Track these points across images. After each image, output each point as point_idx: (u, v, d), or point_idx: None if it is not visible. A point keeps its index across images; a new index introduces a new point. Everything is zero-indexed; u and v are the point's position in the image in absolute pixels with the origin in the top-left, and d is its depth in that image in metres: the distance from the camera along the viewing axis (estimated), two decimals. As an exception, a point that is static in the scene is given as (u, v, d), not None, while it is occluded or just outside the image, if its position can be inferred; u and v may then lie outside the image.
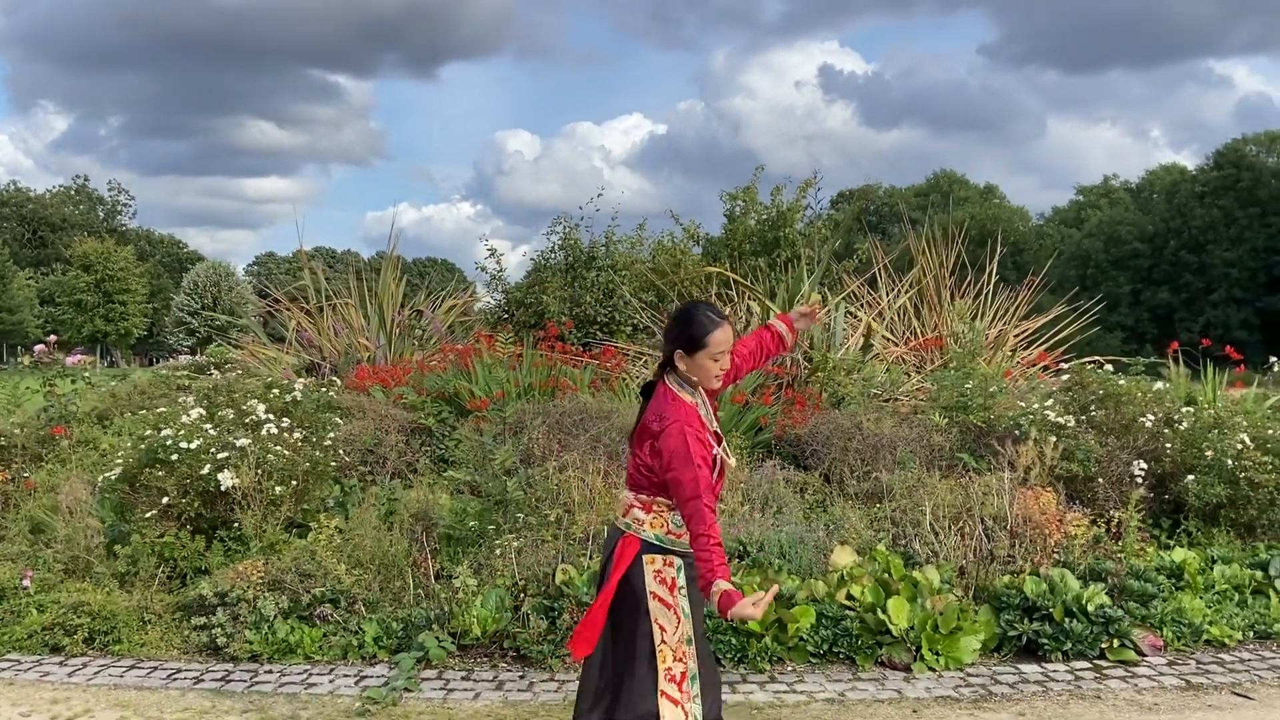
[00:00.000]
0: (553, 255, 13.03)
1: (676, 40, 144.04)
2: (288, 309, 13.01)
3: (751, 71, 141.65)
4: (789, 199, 12.68)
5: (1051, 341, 11.84)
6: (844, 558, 5.66)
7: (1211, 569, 6.03)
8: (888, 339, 11.48)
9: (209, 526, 6.61)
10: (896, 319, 11.84)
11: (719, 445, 3.40)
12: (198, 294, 66.63)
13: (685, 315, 3.47)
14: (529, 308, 12.33)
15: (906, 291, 11.45)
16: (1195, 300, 64.45)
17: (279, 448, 6.70)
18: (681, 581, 3.38)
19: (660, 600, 3.37)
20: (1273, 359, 10.51)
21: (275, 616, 5.70)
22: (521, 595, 5.72)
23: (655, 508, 3.42)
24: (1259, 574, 5.99)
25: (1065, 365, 10.65)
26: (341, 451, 7.52)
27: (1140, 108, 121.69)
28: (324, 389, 7.96)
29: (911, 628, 5.14)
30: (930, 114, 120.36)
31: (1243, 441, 7.16)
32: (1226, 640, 5.37)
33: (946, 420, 7.79)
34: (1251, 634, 5.49)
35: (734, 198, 12.97)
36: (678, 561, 3.39)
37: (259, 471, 6.53)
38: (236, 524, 6.48)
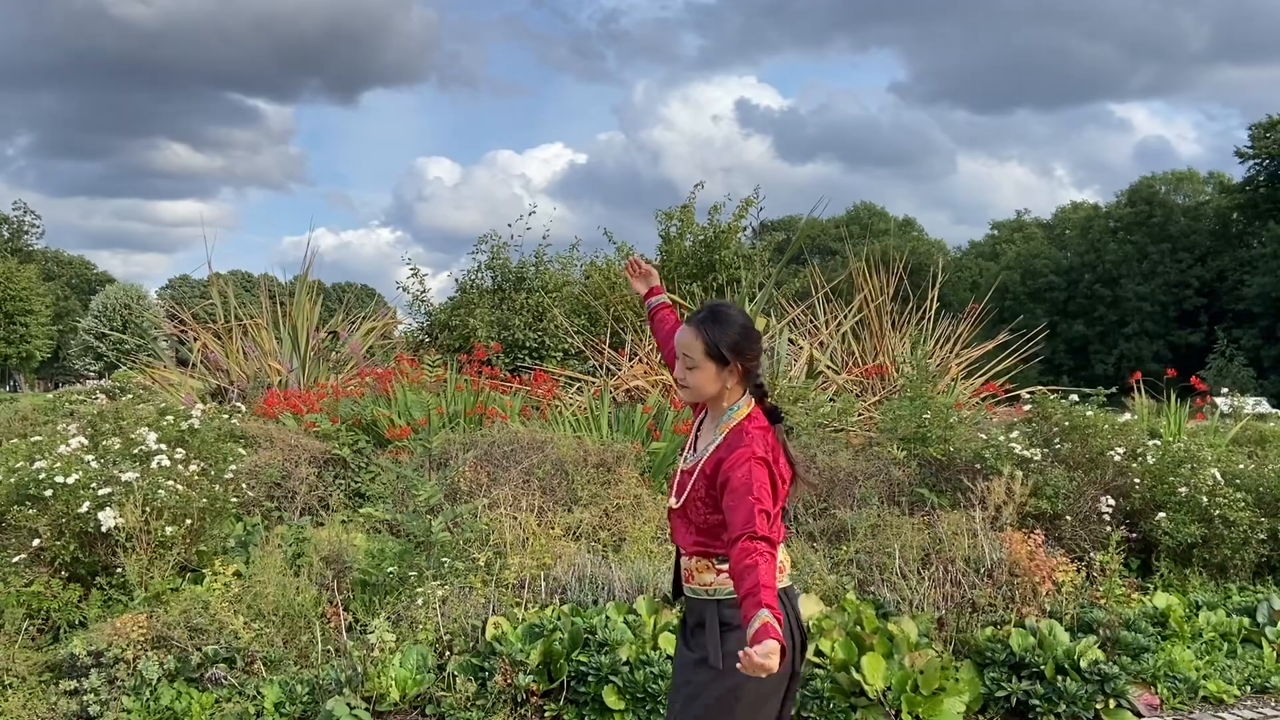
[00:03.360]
0: (479, 276, 12.36)
1: (597, 73, 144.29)
2: (194, 331, 12.12)
3: (671, 104, 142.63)
4: (727, 219, 12.19)
5: (990, 372, 11.58)
6: (809, 607, 5.08)
7: (1196, 615, 5.60)
8: (829, 367, 11.06)
9: (87, 573, 5.80)
10: (837, 346, 11.46)
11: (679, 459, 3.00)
12: (106, 317, 64.03)
13: None
14: (454, 331, 11.64)
15: (851, 318, 11.04)
16: (1109, 333, 65.94)
17: (171, 482, 5.92)
18: None
19: None
20: (1223, 389, 10.32)
21: (159, 680, 4.92)
22: (446, 652, 5.03)
23: None
24: (1246, 620, 5.58)
25: (1016, 395, 10.35)
26: (245, 486, 6.76)
27: (1045, 147, 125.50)
28: (227, 416, 7.19)
29: (889, 688, 4.58)
30: (844, 149, 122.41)
31: (1214, 477, 6.81)
32: (1225, 697, 4.93)
33: (904, 453, 7.31)
34: (1249, 688, 5.06)
35: (670, 217, 12.45)
36: None
37: (147, 509, 5.74)
38: (119, 570, 5.68)
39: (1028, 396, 7.80)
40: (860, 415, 9.48)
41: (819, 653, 4.80)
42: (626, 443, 7.25)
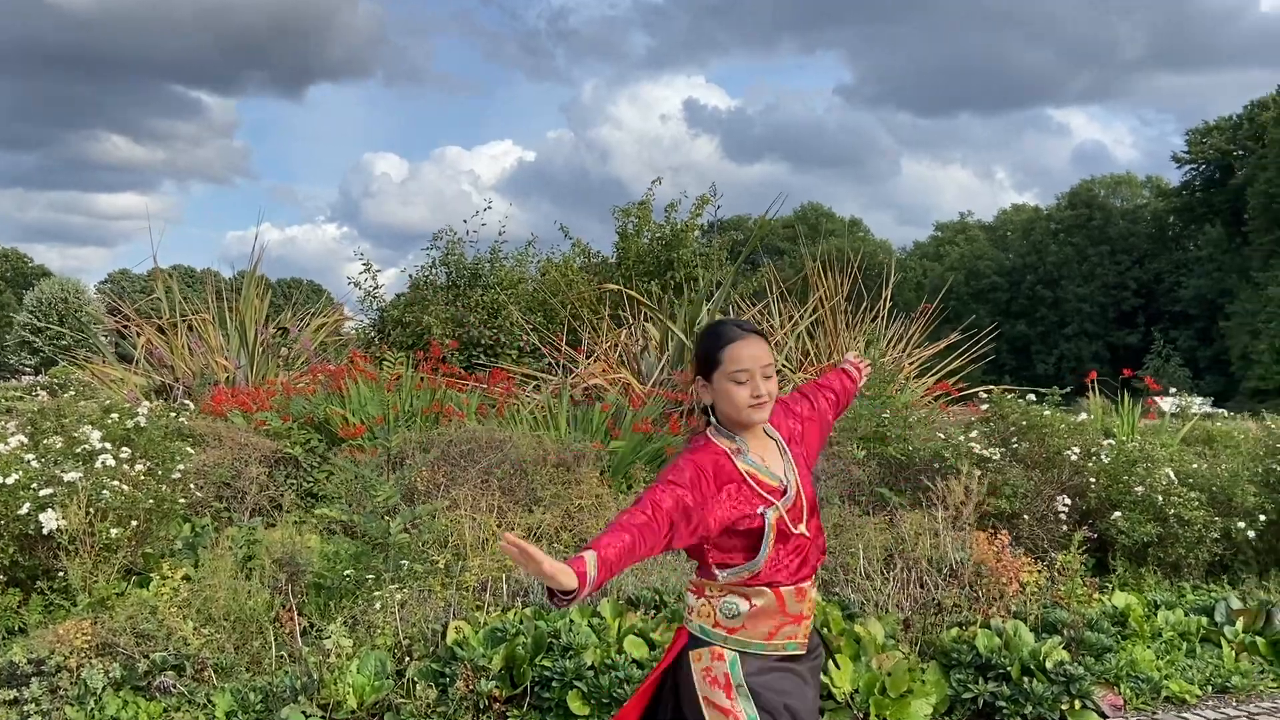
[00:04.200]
0: (433, 272, 12.17)
1: (546, 71, 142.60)
2: (137, 326, 11.79)
3: (619, 103, 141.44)
4: (684, 217, 12.13)
5: (940, 372, 11.67)
6: (775, 609, 5.03)
7: (1155, 615, 5.65)
8: (786, 366, 11.06)
9: (27, 577, 5.58)
10: (792, 346, 11.48)
11: (776, 502, 2.65)
12: (42, 311, 62.35)
13: (704, 330, 2.83)
14: (407, 327, 11.45)
15: (807, 318, 11.05)
16: (1050, 333, 67.13)
17: (116, 482, 5.72)
18: (738, 678, 2.62)
19: (716, 707, 2.61)
20: (1171, 390, 10.49)
21: (104, 688, 4.73)
22: (406, 658, 4.91)
23: (706, 591, 2.70)
24: (1204, 620, 5.64)
25: (969, 394, 10.43)
26: (193, 486, 6.56)
27: (987, 150, 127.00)
28: (174, 413, 6.97)
29: (856, 690, 4.55)
30: (791, 149, 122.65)
31: (1168, 476, 6.89)
32: (1187, 697, 4.96)
33: (864, 452, 7.31)
34: (1210, 688, 5.11)
35: (627, 214, 12.36)
36: (729, 654, 2.65)
37: (91, 511, 5.54)
38: (61, 574, 5.47)
39: (985, 396, 7.84)
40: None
41: (786, 655, 4.75)
42: (586, 442, 7.15)
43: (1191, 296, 60.85)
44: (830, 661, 4.61)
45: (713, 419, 2.72)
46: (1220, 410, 10.61)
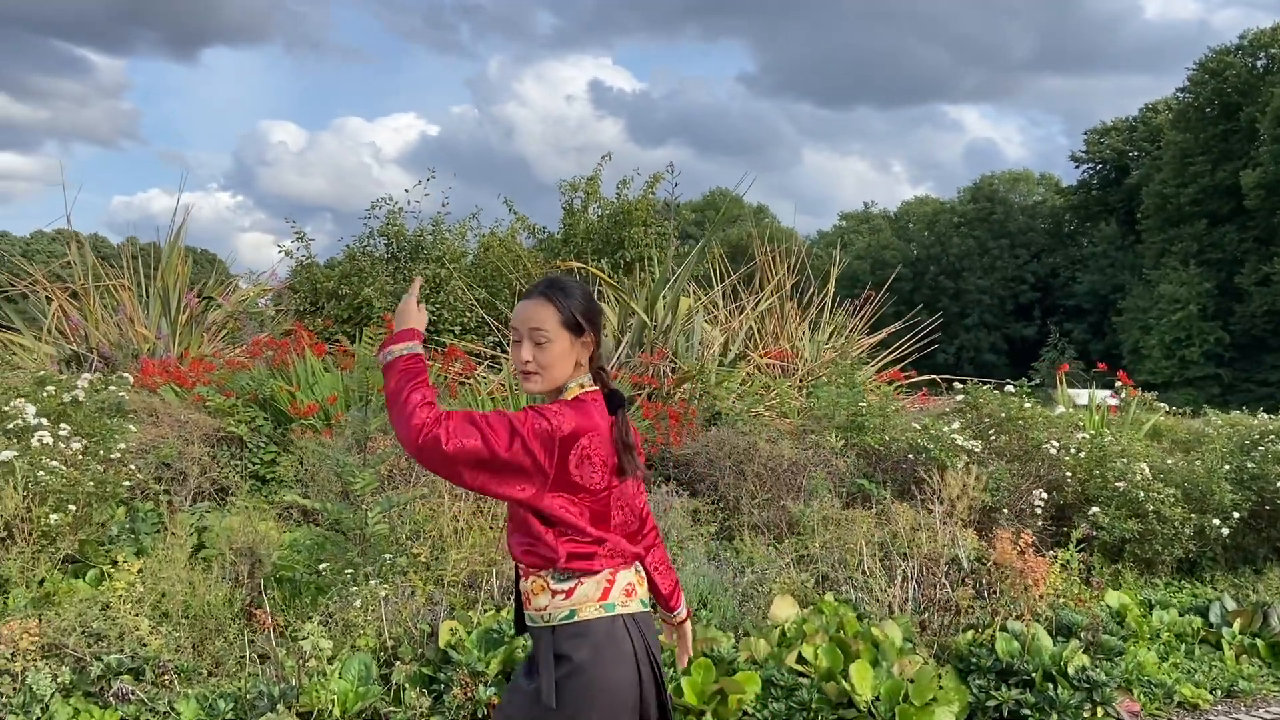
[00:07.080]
0: (371, 243, 11.59)
1: (450, 45, 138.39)
2: (46, 290, 10.96)
3: (525, 81, 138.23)
4: (636, 193, 11.77)
5: (881, 361, 11.64)
6: (785, 610, 4.79)
7: (1150, 615, 5.58)
8: (744, 352, 10.86)
9: (-46, 568, 5.00)
10: (740, 331, 11.28)
11: None
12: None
13: None
14: (343, 300, 10.86)
15: (763, 303, 10.83)
16: (951, 323, 68.57)
17: (55, 462, 5.17)
18: None
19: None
20: (1118, 383, 10.61)
21: (52, 695, 4.23)
22: (393, 661, 4.52)
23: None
24: (1199, 620, 5.60)
25: (916, 383, 10.39)
26: (134, 467, 6.01)
27: (884, 143, 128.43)
28: (114, 387, 6.40)
29: (878, 698, 4.33)
30: (695, 135, 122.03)
31: (1142, 471, 6.88)
32: (1199, 702, 4.88)
33: (842, 442, 7.12)
34: (1219, 692, 5.04)
35: (574, 188, 11.96)
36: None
37: (28, 494, 4.99)
38: (-7, 565, 4.91)
39: (960, 387, 7.74)
40: (775, 399, 9.26)
41: (801, 659, 4.51)
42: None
43: (1085, 291, 62.84)
44: (849, 666, 4.38)
45: None
46: (1162, 405, 10.82)
